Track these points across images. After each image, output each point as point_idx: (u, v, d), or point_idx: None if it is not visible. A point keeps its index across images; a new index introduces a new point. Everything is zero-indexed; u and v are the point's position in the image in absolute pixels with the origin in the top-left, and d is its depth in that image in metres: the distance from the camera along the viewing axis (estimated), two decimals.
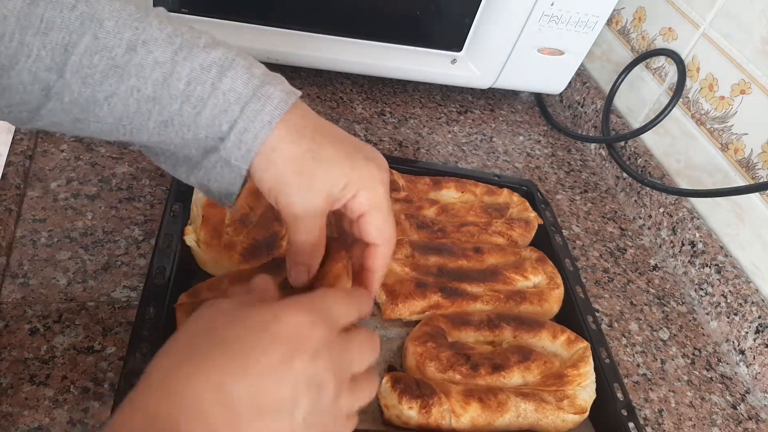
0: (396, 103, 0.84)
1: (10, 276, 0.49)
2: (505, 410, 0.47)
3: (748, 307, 0.63)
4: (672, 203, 0.75)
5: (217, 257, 0.51)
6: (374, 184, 0.38)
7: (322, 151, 0.37)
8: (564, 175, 0.83)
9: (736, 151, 0.69)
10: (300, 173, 0.36)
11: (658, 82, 0.82)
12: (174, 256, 0.50)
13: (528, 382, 0.51)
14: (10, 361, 0.44)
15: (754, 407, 0.60)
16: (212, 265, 0.52)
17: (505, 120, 0.89)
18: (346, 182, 0.37)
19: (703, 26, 0.75)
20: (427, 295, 0.54)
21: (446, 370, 0.49)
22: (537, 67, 0.82)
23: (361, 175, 0.37)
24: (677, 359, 0.62)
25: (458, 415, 0.46)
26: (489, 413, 0.47)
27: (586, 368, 0.52)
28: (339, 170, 0.37)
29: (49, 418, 0.41)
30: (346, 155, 0.37)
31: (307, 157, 0.36)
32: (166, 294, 0.47)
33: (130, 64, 0.35)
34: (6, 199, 0.52)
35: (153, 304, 0.46)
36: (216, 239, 0.52)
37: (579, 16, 0.77)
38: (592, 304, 0.65)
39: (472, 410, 0.46)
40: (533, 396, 0.49)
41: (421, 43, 0.77)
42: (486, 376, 0.50)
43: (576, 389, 0.50)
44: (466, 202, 0.67)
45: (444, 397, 0.46)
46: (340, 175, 0.37)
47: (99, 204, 0.56)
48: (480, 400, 0.47)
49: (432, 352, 0.49)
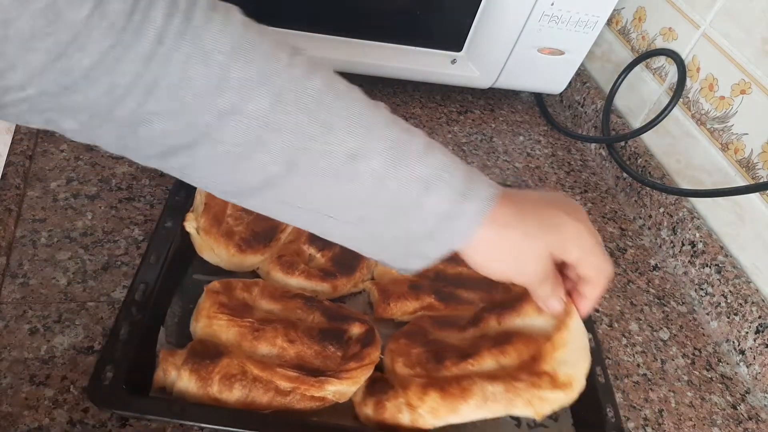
0: (396, 103, 0.84)
1: (10, 276, 0.49)
2: (469, 395, 0.44)
3: (748, 307, 0.63)
4: (672, 203, 0.74)
5: (214, 245, 0.53)
6: (580, 235, 0.42)
7: (530, 230, 0.41)
8: (564, 175, 0.83)
9: (736, 151, 0.69)
10: (517, 257, 0.41)
11: (658, 82, 0.82)
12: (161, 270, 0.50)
13: (505, 366, 0.47)
14: (10, 361, 0.44)
15: (754, 407, 0.60)
16: (209, 252, 0.53)
17: (505, 120, 0.89)
18: (557, 246, 0.41)
19: (703, 26, 0.75)
20: (421, 296, 0.54)
21: (414, 365, 0.48)
22: (537, 67, 0.82)
23: (568, 236, 0.41)
24: (677, 359, 0.62)
25: (415, 406, 0.44)
26: (450, 400, 0.44)
27: (562, 335, 0.45)
28: (548, 238, 0.41)
29: (49, 418, 0.41)
30: (549, 224, 0.41)
31: (516, 241, 0.40)
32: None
33: (350, 171, 0.37)
34: (6, 199, 0.52)
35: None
36: (215, 227, 0.53)
37: (579, 16, 0.77)
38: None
39: (431, 400, 0.44)
40: (503, 377, 0.45)
41: (421, 43, 0.77)
42: (452, 367, 0.47)
43: (555, 365, 0.45)
44: None
45: (401, 391, 0.45)
46: (552, 241, 0.41)
47: (99, 204, 0.56)
48: (440, 389, 0.44)
49: (403, 349, 0.49)
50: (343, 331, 0.48)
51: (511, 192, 0.41)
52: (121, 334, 0.44)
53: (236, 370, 0.43)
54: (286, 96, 0.35)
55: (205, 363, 0.43)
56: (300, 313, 0.50)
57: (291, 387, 0.44)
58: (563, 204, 0.43)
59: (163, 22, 0.31)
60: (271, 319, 0.48)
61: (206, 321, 0.47)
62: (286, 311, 0.50)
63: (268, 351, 0.46)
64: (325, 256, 0.56)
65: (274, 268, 0.53)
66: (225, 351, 0.45)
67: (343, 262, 0.55)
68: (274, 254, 0.54)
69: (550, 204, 0.42)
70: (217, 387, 0.43)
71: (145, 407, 0.42)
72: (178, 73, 0.32)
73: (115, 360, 0.42)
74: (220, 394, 0.43)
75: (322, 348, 0.47)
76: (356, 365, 0.46)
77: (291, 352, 0.46)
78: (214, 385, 0.43)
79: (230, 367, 0.43)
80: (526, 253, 0.41)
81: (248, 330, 0.47)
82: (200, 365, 0.43)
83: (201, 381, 0.43)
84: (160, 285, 0.49)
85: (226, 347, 0.46)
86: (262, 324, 0.47)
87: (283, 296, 0.50)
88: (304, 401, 0.44)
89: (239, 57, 0.33)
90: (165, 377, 0.44)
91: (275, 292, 0.51)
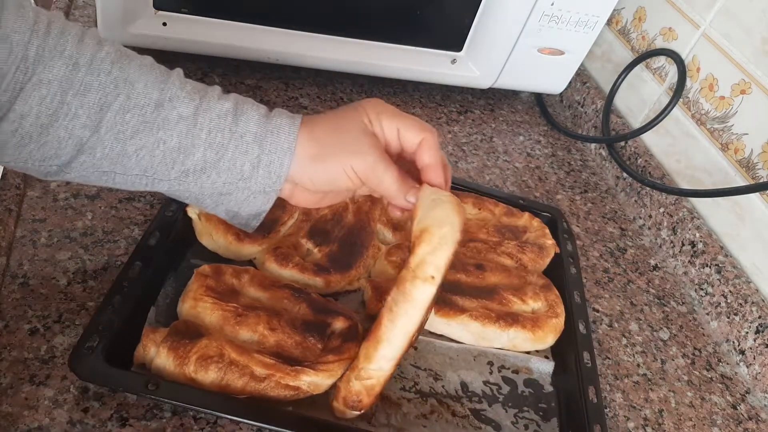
0: (396, 103, 0.84)
1: (10, 276, 0.49)
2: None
3: (748, 307, 0.63)
4: (672, 203, 0.75)
5: (213, 231, 0.54)
6: (381, 109, 0.45)
7: (341, 122, 0.45)
8: (564, 175, 0.83)
9: (736, 151, 0.69)
10: (334, 150, 0.44)
11: (658, 82, 0.82)
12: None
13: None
14: (10, 361, 0.44)
15: (754, 407, 0.60)
16: (207, 238, 0.54)
17: (505, 120, 0.89)
18: (374, 124, 0.45)
19: (703, 26, 0.75)
20: None
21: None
22: (537, 67, 0.82)
23: (370, 110, 0.45)
24: (677, 359, 0.62)
25: (356, 367, 0.44)
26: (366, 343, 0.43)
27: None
28: (363, 120, 0.45)
29: (49, 418, 0.41)
30: (355, 112, 0.45)
31: (332, 143, 0.44)
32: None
33: (158, 119, 0.40)
34: (6, 199, 0.52)
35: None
36: None
37: (579, 16, 0.77)
38: (593, 305, 0.65)
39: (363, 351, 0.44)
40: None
41: (421, 43, 0.77)
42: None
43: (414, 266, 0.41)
44: (482, 219, 0.66)
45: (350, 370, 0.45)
46: (366, 123, 0.45)
47: (99, 204, 0.56)
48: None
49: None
50: (326, 325, 0.49)
51: (307, 116, 0.45)
52: (109, 309, 0.45)
53: (213, 352, 0.44)
54: (81, 61, 0.39)
55: (183, 342, 0.44)
56: (286, 303, 0.50)
57: (266, 373, 0.44)
58: (357, 105, 0.46)
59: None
60: (256, 306, 0.49)
61: (192, 302, 0.47)
62: (272, 300, 0.50)
63: (249, 337, 0.47)
64: (322, 251, 0.56)
65: (269, 259, 0.53)
66: (206, 333, 0.45)
67: (340, 258, 0.55)
68: (271, 246, 0.54)
69: (346, 111, 0.46)
70: (193, 367, 0.43)
71: (120, 380, 0.42)
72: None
73: (100, 333, 0.43)
74: (195, 374, 0.43)
75: (303, 339, 0.47)
76: (334, 358, 0.46)
77: (271, 340, 0.47)
78: (190, 365, 0.43)
79: (208, 349, 0.44)
80: (353, 142, 0.44)
81: (231, 314, 0.47)
82: (179, 344, 0.44)
83: (178, 359, 0.43)
84: (156, 265, 0.49)
85: (208, 330, 0.46)
86: (246, 310, 0.48)
87: (272, 285, 0.51)
88: (278, 389, 0.44)
89: (34, 35, 0.37)
90: (144, 353, 0.44)
91: (265, 281, 0.51)
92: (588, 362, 0.54)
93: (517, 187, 0.77)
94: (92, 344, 0.42)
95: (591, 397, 0.51)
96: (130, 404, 0.43)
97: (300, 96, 0.78)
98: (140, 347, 0.44)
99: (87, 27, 0.41)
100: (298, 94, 0.78)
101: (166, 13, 0.69)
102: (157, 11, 0.68)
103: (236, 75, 0.78)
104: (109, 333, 0.43)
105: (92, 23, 0.76)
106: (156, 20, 0.69)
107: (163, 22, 0.69)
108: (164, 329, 0.45)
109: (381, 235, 0.61)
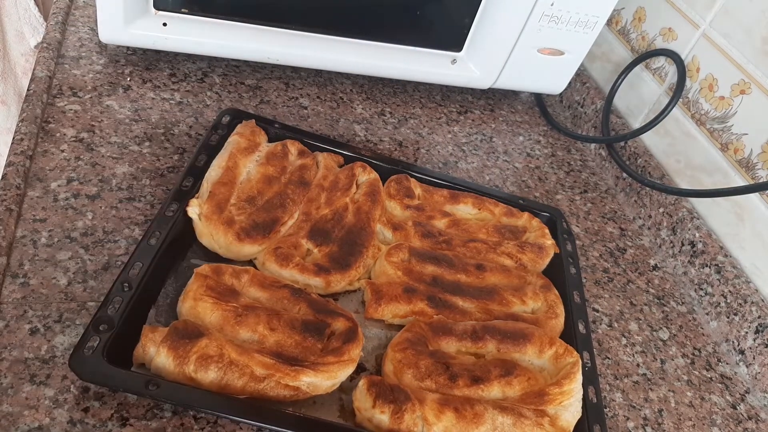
0: (396, 103, 0.84)
1: (11, 276, 0.49)
2: (481, 422, 0.45)
3: (747, 307, 0.63)
4: (672, 203, 0.75)
5: (213, 231, 0.54)
6: None
7: None
8: (564, 175, 0.83)
9: (736, 151, 0.69)
10: None
11: (658, 82, 0.82)
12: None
13: (508, 397, 0.49)
14: (10, 360, 0.44)
15: (753, 407, 0.60)
16: (208, 238, 0.54)
17: (505, 120, 0.89)
18: None
19: (703, 26, 0.75)
20: (413, 300, 0.54)
21: (424, 378, 0.48)
22: (537, 67, 0.82)
23: None
24: (677, 359, 0.62)
25: (431, 423, 0.45)
26: (464, 424, 0.45)
27: (571, 386, 0.49)
28: None
29: (49, 417, 0.41)
30: None
31: None
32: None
33: None
34: (6, 199, 0.52)
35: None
36: (216, 214, 0.54)
37: (579, 16, 0.77)
38: (593, 305, 0.65)
39: (446, 419, 0.45)
40: (512, 410, 0.47)
41: (421, 43, 0.77)
42: (464, 388, 0.48)
43: (557, 408, 0.48)
44: (482, 219, 0.66)
45: (418, 404, 0.45)
46: None
47: (99, 204, 0.56)
48: (455, 410, 0.45)
49: (411, 360, 0.49)
50: (326, 325, 0.49)
51: None
52: (110, 309, 0.44)
53: (213, 352, 0.44)
54: None
55: (183, 342, 0.44)
56: (286, 303, 0.50)
57: (266, 373, 0.44)
58: None
59: None
60: (255, 306, 0.49)
61: (192, 302, 0.47)
62: (272, 300, 0.50)
63: (249, 337, 0.47)
64: (322, 251, 0.56)
65: (269, 259, 0.53)
66: (206, 333, 0.45)
67: (339, 258, 0.55)
68: (271, 246, 0.55)
69: None
70: (192, 366, 0.43)
71: (121, 380, 0.42)
72: None
73: (101, 333, 0.43)
74: (195, 374, 0.43)
75: (303, 339, 0.47)
76: (334, 360, 0.46)
77: (271, 340, 0.47)
78: (190, 365, 0.43)
79: (208, 348, 0.44)
80: None
81: (231, 314, 0.47)
82: (178, 343, 0.44)
83: (178, 359, 0.43)
84: (156, 265, 0.49)
85: (208, 329, 0.46)
86: (246, 310, 0.48)
87: (272, 285, 0.51)
88: (278, 389, 0.44)
89: None
90: (144, 353, 0.44)
91: (264, 281, 0.51)
92: (588, 362, 0.54)
93: (517, 187, 0.77)
94: (93, 344, 0.42)
95: (591, 397, 0.52)
96: (131, 404, 0.43)
97: (300, 96, 0.78)
98: (139, 346, 0.44)
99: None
100: (298, 94, 0.78)
101: (166, 13, 0.69)
102: (157, 11, 0.68)
103: (236, 75, 0.78)
104: (110, 333, 0.43)
105: (92, 23, 0.76)
106: (156, 20, 0.69)
107: (163, 22, 0.69)
108: (163, 328, 0.45)
109: (381, 235, 0.61)
